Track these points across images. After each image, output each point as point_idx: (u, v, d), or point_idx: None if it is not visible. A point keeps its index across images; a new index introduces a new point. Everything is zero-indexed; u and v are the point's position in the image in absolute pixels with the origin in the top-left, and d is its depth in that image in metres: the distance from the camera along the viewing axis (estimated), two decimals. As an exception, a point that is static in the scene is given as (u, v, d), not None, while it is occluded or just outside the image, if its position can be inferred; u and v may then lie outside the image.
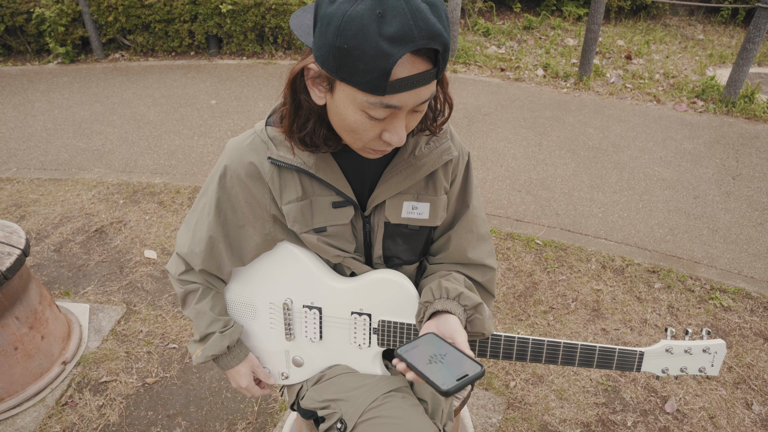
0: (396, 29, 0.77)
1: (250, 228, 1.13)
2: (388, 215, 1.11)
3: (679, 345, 1.07)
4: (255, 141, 1.06)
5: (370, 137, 0.92)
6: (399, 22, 0.77)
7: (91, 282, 2.76)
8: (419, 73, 0.82)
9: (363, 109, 0.86)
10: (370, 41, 0.77)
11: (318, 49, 0.83)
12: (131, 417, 2.07)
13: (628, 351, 1.08)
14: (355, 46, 0.78)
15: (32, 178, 3.77)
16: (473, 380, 0.87)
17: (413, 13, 0.77)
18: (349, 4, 0.78)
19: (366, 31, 0.77)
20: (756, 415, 2.10)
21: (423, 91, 0.85)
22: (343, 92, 0.86)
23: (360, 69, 0.80)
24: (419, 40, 0.78)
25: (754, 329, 2.49)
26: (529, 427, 2.04)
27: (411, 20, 0.77)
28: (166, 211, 3.35)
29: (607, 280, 2.78)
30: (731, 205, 3.42)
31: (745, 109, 4.67)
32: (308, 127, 0.97)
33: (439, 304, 1.06)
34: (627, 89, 5.23)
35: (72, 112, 4.84)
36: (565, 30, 6.89)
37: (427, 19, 0.78)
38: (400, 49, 0.78)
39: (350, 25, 0.77)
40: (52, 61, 6.13)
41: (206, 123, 4.58)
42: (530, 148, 4.12)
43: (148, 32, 6.09)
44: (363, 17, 0.77)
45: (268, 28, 5.96)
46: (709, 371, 1.07)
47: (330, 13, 0.79)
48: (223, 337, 1.18)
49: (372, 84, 0.81)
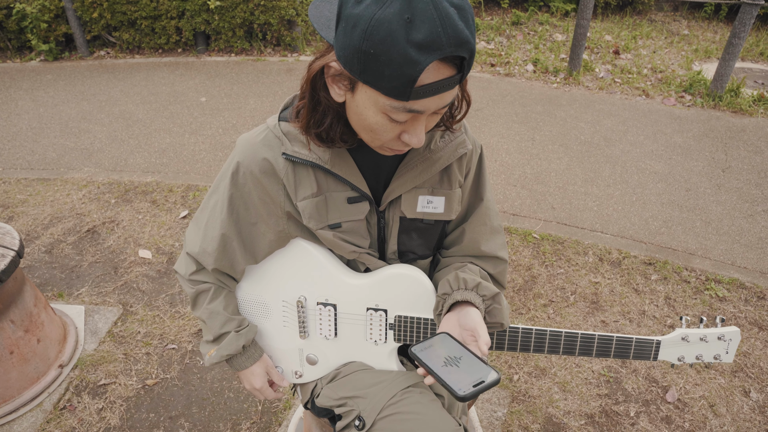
0: (424, 36, 0.75)
1: (263, 225, 1.11)
2: (404, 209, 1.10)
3: (694, 333, 1.08)
4: (268, 137, 1.05)
5: (389, 137, 0.91)
6: (427, 29, 0.75)
7: (85, 283, 2.71)
8: (444, 79, 0.81)
9: (385, 112, 0.86)
10: (397, 48, 0.76)
11: (341, 49, 0.82)
12: (132, 420, 2.04)
13: (645, 340, 1.08)
14: (382, 51, 0.77)
15: (19, 178, 3.69)
16: (489, 387, 0.86)
17: (442, 18, 0.75)
18: (377, 7, 0.76)
19: (394, 37, 0.75)
20: (754, 402, 2.13)
21: (446, 95, 0.85)
22: (365, 93, 0.85)
23: (385, 74, 0.79)
24: (447, 47, 0.77)
25: (749, 318, 2.53)
26: (534, 419, 2.05)
27: (440, 27, 0.75)
28: (159, 210, 3.30)
29: (605, 272, 2.81)
30: (722, 197, 3.47)
31: (731, 103, 4.74)
32: (325, 123, 0.96)
33: (458, 295, 1.06)
34: (616, 84, 5.28)
35: (58, 110, 4.74)
36: (553, 25, 6.93)
37: (455, 25, 0.76)
38: (428, 57, 0.77)
39: (378, 30, 0.76)
40: (34, 59, 6.00)
41: (197, 120, 4.52)
42: (523, 143, 4.14)
43: (134, 29, 5.99)
44: (391, 22, 0.75)
45: (257, 24, 5.90)
46: (724, 358, 1.08)
47: (356, 15, 0.77)
48: (238, 337, 1.16)
49: (397, 90, 0.80)
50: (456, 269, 1.16)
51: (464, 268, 1.15)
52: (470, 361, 0.91)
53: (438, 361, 0.91)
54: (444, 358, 0.92)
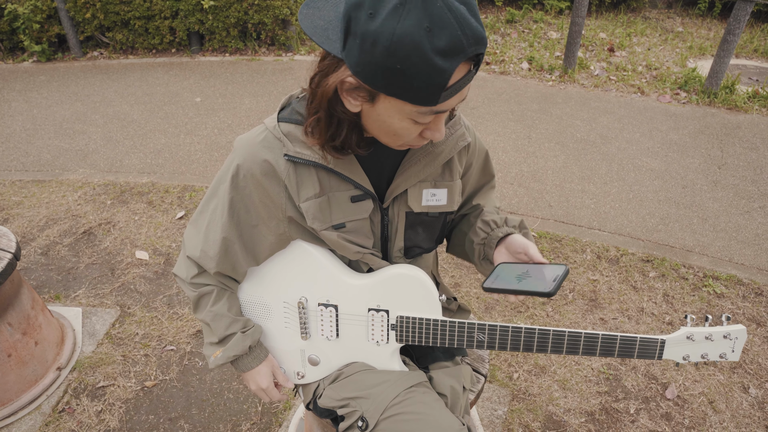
0: (446, 42, 0.76)
1: (264, 227, 1.11)
2: (411, 204, 1.12)
3: (700, 332, 1.07)
4: (268, 138, 1.04)
5: (412, 137, 0.94)
6: (448, 34, 0.76)
7: (82, 285, 2.69)
8: (465, 75, 0.83)
9: (410, 117, 0.88)
10: (424, 60, 0.77)
11: (359, 66, 0.82)
12: (132, 422, 2.03)
13: (650, 339, 1.08)
14: (409, 65, 0.78)
15: (14, 180, 3.66)
16: (565, 276, 0.96)
17: (458, 20, 0.76)
18: (395, 21, 0.76)
19: (419, 49, 0.76)
20: (753, 398, 2.14)
21: (466, 90, 0.88)
22: (389, 103, 0.86)
23: (414, 86, 0.80)
24: (469, 48, 0.78)
25: (747, 314, 2.54)
26: (534, 417, 2.05)
27: (459, 30, 0.77)
28: (155, 211, 3.28)
29: (603, 270, 2.81)
30: (719, 194, 3.48)
31: (726, 100, 4.76)
32: (342, 135, 0.97)
33: (499, 232, 1.14)
34: (611, 81, 5.29)
35: (52, 111, 4.71)
36: (548, 23, 6.93)
37: (471, 24, 0.78)
38: (453, 62, 0.78)
39: (402, 45, 0.76)
40: (27, 60, 5.96)
41: (192, 121, 4.50)
42: (519, 141, 4.14)
43: (128, 29, 5.95)
44: (413, 35, 0.75)
45: (251, 24, 5.88)
46: (729, 357, 1.08)
47: (374, 32, 0.77)
48: (245, 337, 1.16)
49: (425, 98, 0.82)
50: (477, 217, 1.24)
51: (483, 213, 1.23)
52: (537, 269, 1.00)
53: (511, 281, 0.99)
54: (515, 277, 1.00)
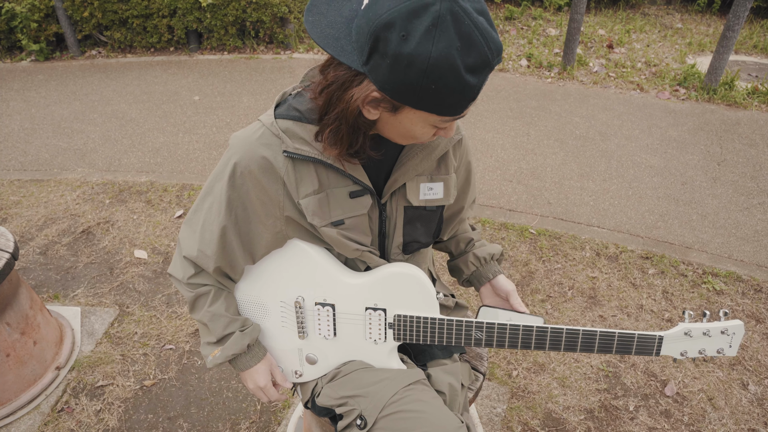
0: (476, 59, 0.81)
1: (260, 225, 1.10)
2: (409, 197, 1.13)
3: (697, 327, 1.07)
4: (265, 135, 1.03)
5: (427, 138, 0.98)
6: (477, 52, 0.81)
7: (81, 284, 2.69)
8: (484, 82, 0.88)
9: (433, 125, 0.92)
10: (458, 78, 0.81)
11: (388, 84, 0.84)
12: (131, 421, 2.02)
13: (648, 336, 1.08)
14: (444, 85, 0.82)
15: (12, 180, 3.66)
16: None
17: (484, 36, 0.81)
18: (429, 43, 0.79)
19: (455, 70, 0.80)
20: (752, 395, 2.14)
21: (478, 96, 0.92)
22: (414, 114, 0.90)
23: (446, 102, 0.85)
24: (494, 61, 0.84)
25: (746, 311, 2.54)
26: (533, 415, 2.05)
27: (484, 45, 0.81)
28: (154, 210, 3.28)
29: (602, 267, 2.81)
30: (718, 191, 3.48)
31: (725, 96, 4.75)
32: (359, 142, 0.99)
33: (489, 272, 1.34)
34: (610, 78, 5.28)
35: (50, 110, 4.70)
36: (546, 20, 6.92)
37: (493, 37, 0.82)
38: (482, 77, 0.84)
39: (438, 68, 0.80)
40: (25, 59, 5.95)
41: (190, 119, 4.50)
42: (518, 138, 4.13)
43: (126, 28, 5.94)
44: (449, 57, 0.79)
45: (249, 22, 5.87)
46: (727, 352, 1.08)
47: (409, 54, 0.80)
48: (243, 336, 1.16)
49: (454, 110, 0.87)
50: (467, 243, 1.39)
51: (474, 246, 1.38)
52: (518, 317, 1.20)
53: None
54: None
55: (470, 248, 1.38)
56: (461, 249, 1.39)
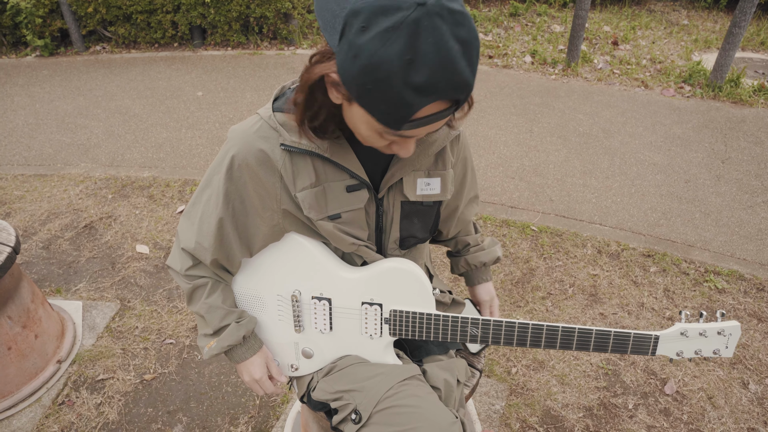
0: (423, 80, 0.76)
1: (257, 219, 1.10)
2: (406, 192, 1.13)
3: (694, 328, 1.07)
4: (263, 128, 1.04)
5: (379, 146, 0.96)
6: (427, 72, 0.76)
7: (83, 279, 2.70)
8: (437, 112, 0.83)
9: (377, 131, 0.89)
10: (394, 89, 0.77)
11: (341, 69, 0.82)
12: (131, 414, 2.04)
13: (643, 335, 1.08)
14: (380, 90, 0.78)
15: (16, 174, 3.68)
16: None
17: (443, 61, 0.76)
18: (380, 43, 0.75)
19: (392, 79, 0.76)
20: (752, 394, 2.13)
21: (438, 124, 0.87)
22: (360, 111, 0.87)
23: (380, 108, 0.81)
24: (446, 92, 0.78)
25: (748, 310, 2.53)
26: (532, 412, 2.05)
27: (440, 70, 0.76)
28: (156, 205, 3.29)
29: (603, 264, 2.80)
30: (722, 189, 3.46)
31: (731, 94, 4.72)
32: (320, 119, 0.98)
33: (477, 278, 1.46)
34: (615, 75, 5.25)
35: (54, 106, 4.72)
36: (551, 16, 6.88)
37: (456, 68, 0.77)
38: (424, 100, 0.78)
39: (377, 70, 0.77)
40: (30, 54, 5.97)
41: (193, 115, 4.50)
42: (521, 135, 4.12)
43: (130, 23, 5.95)
44: (392, 63, 0.75)
45: (252, 17, 5.86)
46: (723, 353, 1.08)
47: (359, 46, 0.77)
48: (239, 327, 1.16)
49: (389, 122, 0.83)
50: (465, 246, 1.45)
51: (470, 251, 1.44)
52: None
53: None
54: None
55: (465, 252, 1.45)
56: (457, 250, 1.47)
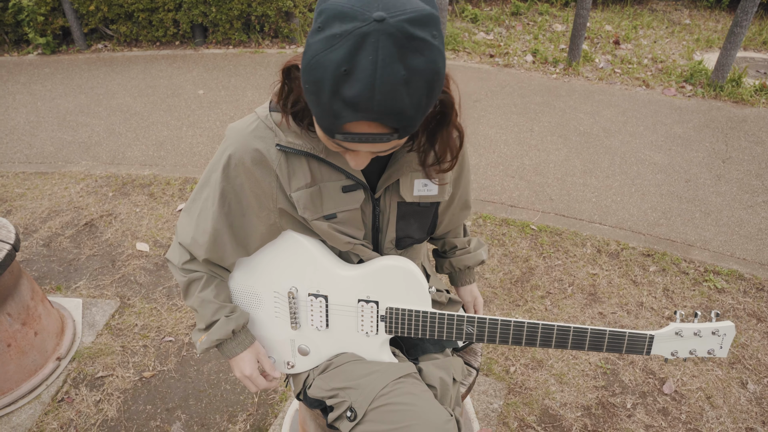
0: (353, 95, 0.74)
1: (254, 218, 1.11)
2: (403, 194, 1.12)
3: (688, 328, 1.07)
4: (259, 127, 1.04)
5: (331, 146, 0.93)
6: (359, 89, 0.74)
7: (83, 276, 2.71)
8: (373, 133, 0.80)
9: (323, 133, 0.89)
10: (324, 96, 0.76)
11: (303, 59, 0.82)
12: (129, 411, 2.04)
13: (638, 335, 1.08)
14: (314, 92, 0.78)
15: (17, 172, 3.69)
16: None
17: (379, 83, 0.73)
18: (324, 47, 0.75)
19: (322, 85, 0.75)
20: (751, 394, 2.13)
21: (380, 145, 0.85)
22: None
23: (316, 110, 0.81)
24: (373, 113, 0.76)
25: (748, 310, 2.53)
26: (530, 411, 2.05)
27: (371, 90, 0.73)
28: (156, 203, 3.30)
29: (603, 264, 2.80)
30: (722, 188, 3.45)
31: (732, 93, 4.71)
32: (298, 106, 0.99)
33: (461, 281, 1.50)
34: (616, 74, 5.25)
35: (56, 104, 4.73)
36: (553, 15, 6.87)
37: (390, 94, 0.74)
38: (351, 115, 0.76)
39: (315, 71, 0.76)
40: (31, 52, 5.98)
41: (194, 113, 4.51)
42: (522, 134, 4.12)
43: (131, 22, 5.95)
44: (326, 70, 0.74)
45: (254, 16, 5.87)
46: (717, 353, 1.08)
47: (309, 44, 0.78)
48: (228, 321, 1.16)
49: (323, 126, 0.82)
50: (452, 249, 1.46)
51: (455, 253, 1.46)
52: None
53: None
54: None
55: (450, 255, 1.47)
56: (444, 251, 1.49)
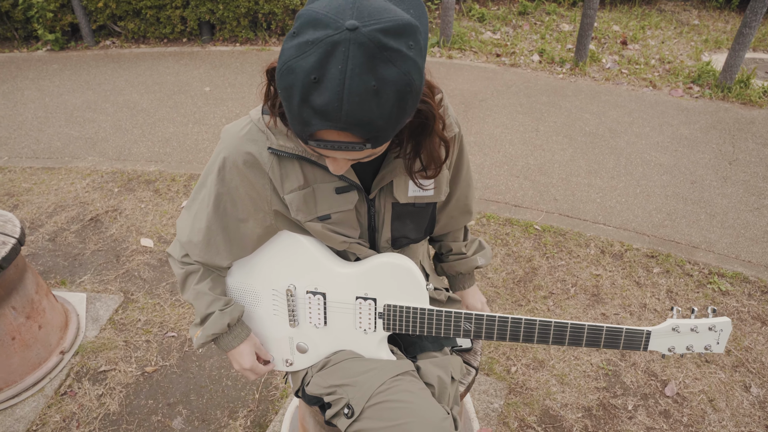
0: (321, 104, 0.74)
1: (251, 221, 1.11)
2: (397, 195, 1.11)
3: (685, 323, 1.07)
4: (252, 130, 1.04)
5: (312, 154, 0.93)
6: (327, 98, 0.74)
7: (88, 271, 2.73)
8: (345, 141, 0.80)
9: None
10: (295, 101, 0.76)
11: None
12: (131, 406, 2.06)
13: (635, 330, 1.08)
14: (285, 97, 0.78)
15: (24, 167, 3.72)
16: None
17: (347, 93, 0.73)
18: (297, 53, 0.75)
19: (294, 91, 0.76)
20: (754, 397, 2.12)
21: (353, 153, 0.84)
22: None
23: (288, 116, 0.81)
24: (342, 123, 0.76)
25: (752, 313, 2.51)
26: (530, 411, 2.05)
27: (339, 100, 0.74)
28: (161, 199, 3.32)
29: (606, 265, 2.79)
30: (728, 190, 3.43)
31: (740, 95, 4.67)
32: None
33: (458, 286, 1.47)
34: (623, 75, 5.22)
35: (63, 99, 4.77)
36: (560, 15, 6.84)
37: (358, 105, 0.74)
38: (320, 123, 0.76)
39: (285, 78, 0.76)
40: (41, 48, 6.02)
41: (200, 110, 4.53)
42: (527, 134, 4.10)
43: (139, 18, 5.99)
44: (297, 77, 0.75)
45: (261, 13, 5.88)
46: (714, 349, 1.07)
47: (284, 49, 0.78)
48: (223, 315, 1.17)
49: (296, 131, 0.82)
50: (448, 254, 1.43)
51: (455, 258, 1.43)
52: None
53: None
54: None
55: (445, 258, 1.44)
56: (441, 253, 1.46)
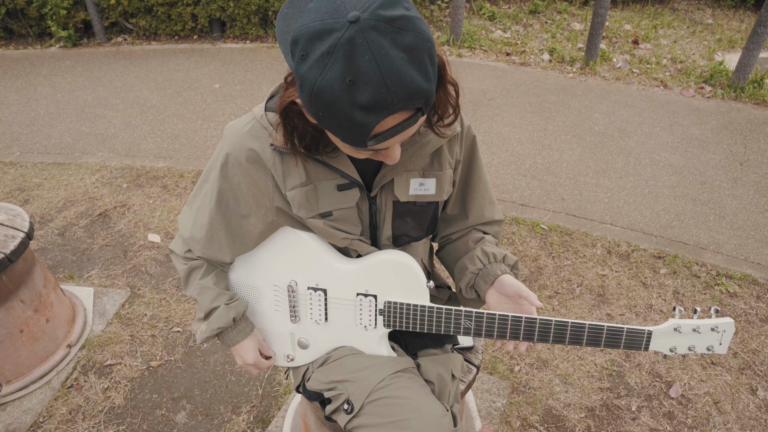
0: (368, 98, 0.74)
1: (253, 217, 1.12)
2: (397, 193, 1.11)
3: (687, 324, 1.06)
4: (255, 127, 1.05)
5: (362, 156, 0.93)
6: (371, 90, 0.73)
7: (95, 266, 2.76)
8: (401, 122, 0.80)
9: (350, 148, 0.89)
10: (343, 113, 0.76)
11: (300, 96, 0.81)
12: (136, 400, 2.08)
13: (637, 330, 1.07)
14: (330, 115, 0.77)
15: (35, 162, 3.76)
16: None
17: (386, 75, 0.73)
18: (319, 70, 0.74)
19: (338, 103, 0.75)
20: (761, 400, 2.10)
21: (409, 131, 0.85)
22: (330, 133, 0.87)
23: (338, 132, 0.80)
24: (396, 104, 0.75)
25: (760, 315, 2.48)
26: (533, 411, 2.04)
27: (384, 86, 0.73)
28: (169, 195, 3.34)
29: (613, 265, 2.77)
30: (738, 191, 3.39)
31: (754, 95, 4.61)
32: (307, 139, 0.98)
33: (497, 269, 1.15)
34: (634, 74, 5.17)
35: (75, 96, 4.81)
36: (572, 14, 6.80)
37: (403, 78, 0.74)
38: (376, 117, 0.76)
39: (321, 97, 0.75)
40: (54, 45, 6.09)
41: (210, 107, 4.56)
42: (536, 133, 4.08)
43: (151, 15, 6.03)
44: (333, 88, 0.74)
45: (271, 11, 5.90)
46: (717, 349, 1.06)
47: (302, 75, 0.77)
48: (228, 309, 1.17)
49: (352, 141, 0.81)
50: (477, 243, 1.23)
51: (484, 242, 1.23)
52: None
53: None
54: None
55: (479, 245, 1.22)
56: (469, 247, 1.24)
